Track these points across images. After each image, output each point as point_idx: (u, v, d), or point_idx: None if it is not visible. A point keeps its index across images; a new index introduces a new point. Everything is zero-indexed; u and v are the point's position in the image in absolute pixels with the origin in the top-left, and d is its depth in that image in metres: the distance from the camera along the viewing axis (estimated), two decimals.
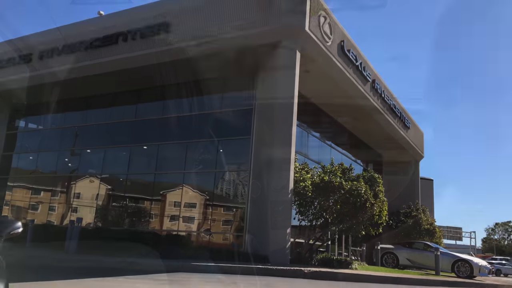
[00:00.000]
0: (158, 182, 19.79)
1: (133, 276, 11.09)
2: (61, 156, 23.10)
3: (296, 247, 17.41)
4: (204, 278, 11.42)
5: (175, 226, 18.85)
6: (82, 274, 10.75)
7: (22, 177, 24.11)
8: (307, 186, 15.98)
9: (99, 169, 21.61)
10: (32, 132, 24.89)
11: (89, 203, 21.78)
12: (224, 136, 18.40)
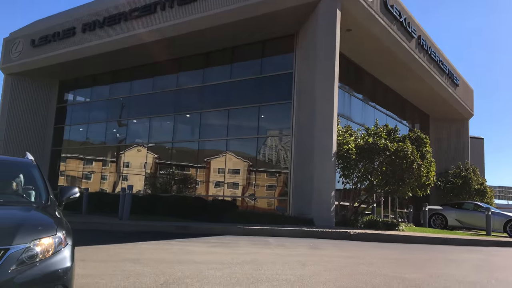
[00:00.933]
0: (202, 149, 20.17)
1: (183, 239, 11.53)
2: (109, 127, 23.93)
3: (341, 210, 17.42)
4: (252, 240, 11.70)
5: (221, 192, 19.28)
6: (135, 238, 11.29)
7: (74, 149, 25.27)
8: (350, 149, 15.78)
9: (145, 138, 22.26)
10: (80, 104, 25.83)
11: (138, 172, 22.60)
12: (265, 101, 18.35)
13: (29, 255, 3.38)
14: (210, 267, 7.40)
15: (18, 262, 3.30)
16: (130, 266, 7.27)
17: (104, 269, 6.95)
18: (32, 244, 3.43)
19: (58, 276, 3.45)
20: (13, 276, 3.23)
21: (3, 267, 3.22)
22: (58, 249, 3.58)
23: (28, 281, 3.28)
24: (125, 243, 10.42)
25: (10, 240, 3.35)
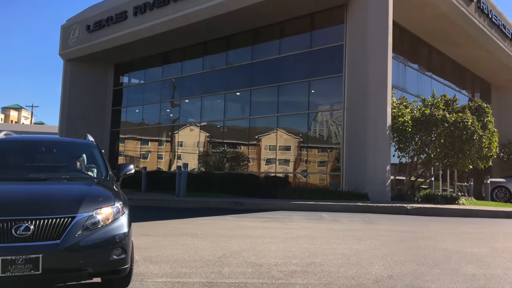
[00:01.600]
0: (252, 127, 20.28)
1: (238, 215, 11.78)
2: (163, 107, 24.59)
3: (396, 185, 16.99)
4: (305, 215, 11.73)
5: (272, 169, 19.39)
6: (192, 214, 11.67)
7: (131, 129, 26.26)
8: (406, 122, 15.25)
9: (197, 118, 22.69)
10: (135, 87, 26.66)
11: (191, 150, 23.18)
12: (315, 76, 18.04)
13: (92, 222, 3.92)
14: (265, 241, 7.52)
15: (83, 228, 3.85)
16: (189, 240, 7.55)
17: (165, 242, 7.26)
18: (94, 213, 3.98)
19: (117, 240, 3.98)
20: (79, 240, 3.78)
21: (71, 231, 3.78)
22: (116, 217, 4.12)
23: (92, 244, 3.83)
24: (183, 219, 10.80)
25: (76, 209, 3.91)
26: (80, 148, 5.96)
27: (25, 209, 3.83)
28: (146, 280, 4.84)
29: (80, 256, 3.81)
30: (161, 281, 4.82)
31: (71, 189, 4.56)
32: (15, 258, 3.54)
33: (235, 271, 5.31)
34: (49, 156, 5.79)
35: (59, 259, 3.70)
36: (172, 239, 7.63)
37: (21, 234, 3.65)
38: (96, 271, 3.91)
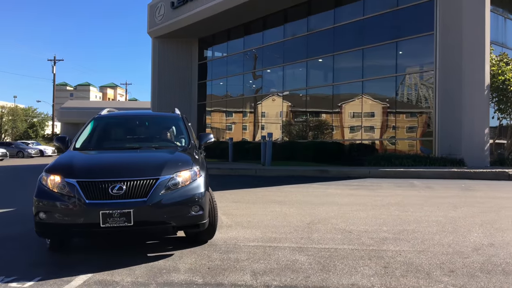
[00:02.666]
0: (336, 94, 19.84)
1: (324, 183, 11.75)
2: (246, 78, 24.94)
3: (496, 149, 15.73)
4: (395, 183, 11.37)
5: (357, 136, 18.93)
6: (279, 182, 11.86)
7: (216, 102, 27.08)
8: (507, 80, 13.92)
9: (280, 87, 22.70)
10: (218, 60, 27.28)
11: (274, 120, 23.37)
12: (403, 36, 17.01)
13: (173, 183, 4.54)
14: (354, 208, 7.44)
15: (166, 187, 4.49)
16: (277, 207, 7.71)
17: (255, 209, 7.49)
18: (175, 175, 4.60)
19: (195, 199, 4.58)
20: (162, 198, 4.43)
21: (155, 191, 4.42)
22: (194, 179, 4.71)
23: (173, 201, 4.47)
24: (270, 187, 11.03)
25: (159, 172, 4.55)
26: (168, 120, 6.70)
27: (119, 172, 4.54)
28: (239, 244, 5.06)
29: (164, 212, 4.42)
30: (253, 245, 5.01)
31: (157, 156, 5.25)
32: (112, 212, 4.26)
33: (325, 237, 5.34)
34: (143, 128, 6.59)
35: (146, 213, 4.35)
36: (261, 206, 7.85)
37: (116, 193, 4.35)
38: (178, 224, 4.54)
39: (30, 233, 5.44)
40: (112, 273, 4.02)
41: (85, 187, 4.37)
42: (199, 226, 4.63)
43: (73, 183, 4.41)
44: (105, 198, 4.33)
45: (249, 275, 3.93)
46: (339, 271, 4.00)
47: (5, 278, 3.90)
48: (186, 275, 3.93)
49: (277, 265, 4.21)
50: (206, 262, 4.33)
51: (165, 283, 3.75)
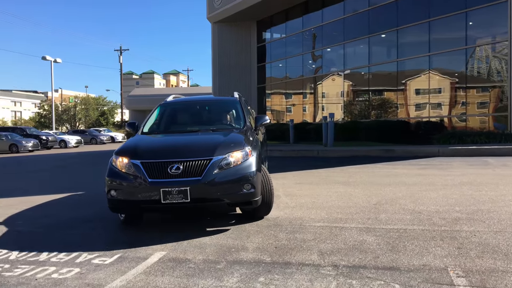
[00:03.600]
0: (400, 70, 19.05)
1: (389, 162, 11.43)
2: (305, 59, 24.62)
3: None
4: (466, 161, 10.80)
5: (424, 113, 18.12)
6: (342, 163, 11.70)
7: (276, 84, 27.03)
8: None
9: (340, 66, 22.19)
10: (277, 41, 27.11)
11: (335, 100, 22.95)
12: (473, 6, 15.90)
13: (225, 162, 4.84)
14: (423, 188, 7.19)
15: (219, 167, 4.80)
16: (341, 188, 7.63)
17: (318, 190, 7.47)
18: (227, 156, 4.88)
19: (246, 177, 4.86)
20: (216, 176, 4.75)
21: (209, 170, 4.75)
22: (245, 159, 4.97)
23: (225, 179, 4.78)
24: (333, 168, 10.91)
25: (212, 153, 4.87)
26: (227, 104, 7.07)
27: (177, 154, 4.93)
28: (304, 224, 5.08)
29: (217, 189, 4.75)
30: (319, 225, 5.01)
31: (212, 138, 5.55)
32: (171, 190, 4.67)
33: (393, 218, 5.22)
34: (203, 112, 6.98)
35: (201, 190, 4.70)
36: (324, 187, 7.80)
37: (174, 172, 4.75)
38: (231, 201, 4.85)
39: (104, 215, 5.82)
40: (185, 251, 4.20)
41: (147, 167, 4.82)
42: (251, 203, 4.91)
43: (137, 164, 4.88)
44: (165, 177, 4.75)
45: (316, 254, 3.95)
46: (410, 252, 3.90)
47: (88, 255, 4.20)
48: (254, 254, 4.03)
49: (344, 245, 4.19)
50: (273, 242, 4.40)
51: (234, 261, 3.86)
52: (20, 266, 3.95)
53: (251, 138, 5.54)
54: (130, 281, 3.47)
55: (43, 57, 39.41)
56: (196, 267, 3.74)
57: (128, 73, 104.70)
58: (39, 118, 62.82)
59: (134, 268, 3.76)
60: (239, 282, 3.35)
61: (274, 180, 8.57)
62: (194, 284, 3.36)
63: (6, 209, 6.80)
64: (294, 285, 3.26)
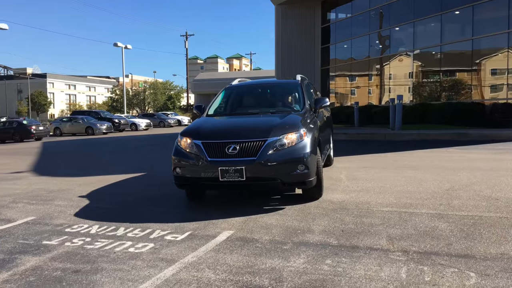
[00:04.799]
0: (476, 49, 17.80)
1: (462, 147, 10.83)
2: (371, 39, 23.76)
3: None
4: None
5: (501, 95, 16.87)
6: (410, 147, 11.26)
7: (340, 66, 26.39)
8: None
9: (409, 46, 21.18)
10: (342, 22, 26.36)
11: (402, 82, 22.01)
12: None
13: (280, 144, 5.00)
14: (500, 174, 6.75)
15: (273, 148, 4.97)
16: (410, 172, 7.36)
17: (385, 174, 7.26)
18: (282, 137, 5.04)
19: (300, 158, 5.00)
20: (270, 157, 4.93)
21: (264, 151, 4.93)
22: (300, 141, 5.10)
23: (279, 160, 4.94)
24: (401, 152, 10.53)
25: (267, 134, 5.05)
26: (288, 86, 7.19)
27: (234, 135, 5.18)
28: (371, 208, 4.98)
29: (271, 169, 4.92)
30: (387, 210, 4.88)
31: (269, 120, 5.67)
32: (228, 168, 4.92)
33: (467, 204, 4.96)
34: (265, 95, 7.17)
35: (256, 170, 4.91)
36: (392, 171, 7.57)
37: (231, 152, 4.99)
38: (285, 181, 5.00)
39: (172, 194, 6.06)
40: (251, 231, 4.29)
41: (207, 147, 5.12)
42: (305, 183, 5.07)
43: (199, 144, 5.19)
44: (223, 156, 5.02)
45: (385, 239, 3.86)
46: (486, 240, 3.71)
47: (161, 231, 4.42)
48: (320, 237, 4.02)
49: (414, 231, 4.06)
50: (339, 225, 4.36)
51: (300, 242, 3.88)
52: (100, 240, 4.24)
53: (308, 120, 5.66)
54: (201, 258, 3.61)
55: (115, 43, 41.30)
56: (263, 247, 3.81)
57: (193, 58, 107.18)
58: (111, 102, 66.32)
59: (204, 246, 3.91)
60: (306, 263, 3.37)
61: (340, 164, 8.47)
62: (262, 263, 3.43)
63: (86, 186, 7.30)
64: (362, 268, 3.22)
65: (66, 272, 3.42)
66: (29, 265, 3.58)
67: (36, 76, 78.77)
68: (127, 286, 3.10)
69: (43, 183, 7.97)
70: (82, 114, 35.32)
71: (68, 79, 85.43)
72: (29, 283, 3.22)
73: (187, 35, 56.70)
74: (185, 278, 3.19)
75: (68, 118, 32.85)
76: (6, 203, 6.19)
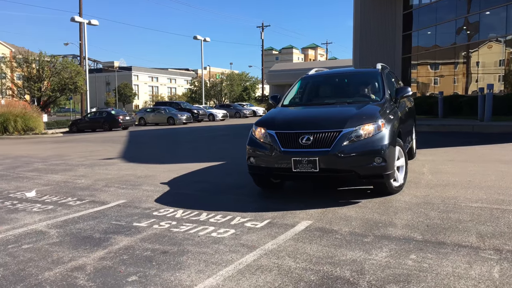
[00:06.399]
0: None
1: None
2: (458, 25, 22.25)
3: None
4: None
5: None
6: (502, 140, 10.45)
7: (423, 54, 25.04)
8: None
9: (501, 31, 19.53)
10: (426, 7, 24.93)
11: (492, 70, 20.41)
12: None
13: (356, 135, 4.83)
14: None
15: (348, 139, 4.82)
16: (502, 166, 6.84)
17: (474, 168, 6.81)
18: (358, 128, 4.86)
19: (377, 150, 4.80)
20: (345, 148, 4.78)
21: (338, 142, 4.80)
22: (377, 132, 4.89)
23: (355, 151, 4.78)
24: (491, 144, 9.81)
25: (342, 125, 4.90)
26: (367, 76, 6.86)
27: (308, 125, 5.08)
28: (459, 204, 4.71)
29: (346, 161, 4.77)
30: (477, 206, 4.59)
31: (345, 110, 5.49)
32: (301, 159, 4.86)
33: None
34: (342, 85, 6.88)
35: (330, 161, 4.80)
36: (481, 165, 7.09)
37: (305, 143, 4.92)
38: (360, 173, 4.84)
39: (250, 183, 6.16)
40: (330, 222, 4.26)
41: (281, 138, 5.07)
42: (382, 176, 4.86)
43: (272, 134, 5.16)
44: (296, 147, 4.95)
45: (474, 236, 3.64)
46: None
47: (241, 218, 4.54)
48: (403, 231, 3.89)
49: (508, 229, 3.78)
50: (423, 220, 4.18)
51: (382, 236, 3.78)
52: (185, 224, 4.45)
53: (388, 111, 5.41)
54: (281, 246, 3.66)
55: (194, 36, 42.72)
56: (342, 238, 3.77)
57: (268, 49, 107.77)
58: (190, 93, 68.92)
59: (283, 234, 3.95)
60: (388, 257, 3.28)
61: (422, 157, 8.09)
62: (342, 254, 3.40)
63: (169, 173, 7.69)
64: (450, 265, 3.07)
65: (155, 252, 3.64)
66: (122, 245, 3.86)
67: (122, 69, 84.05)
68: (211, 269, 3.23)
69: (131, 169, 8.51)
70: (164, 105, 37.11)
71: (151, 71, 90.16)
72: (123, 261, 3.47)
73: (263, 26, 57.10)
74: (266, 265, 3.25)
75: (151, 109, 34.67)
76: (100, 186, 6.71)
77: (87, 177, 7.67)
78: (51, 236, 4.21)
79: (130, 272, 3.23)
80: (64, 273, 3.26)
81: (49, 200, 5.83)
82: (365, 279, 2.93)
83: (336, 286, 2.85)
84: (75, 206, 5.48)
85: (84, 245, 3.90)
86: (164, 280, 3.07)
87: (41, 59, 30.16)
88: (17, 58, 30.71)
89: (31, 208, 5.41)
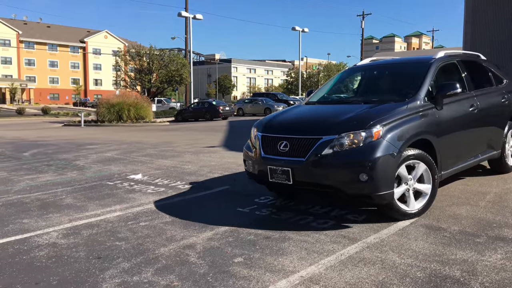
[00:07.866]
0: None
1: None
2: None
3: None
4: None
5: None
6: None
7: None
8: None
9: None
10: None
11: None
12: None
13: (339, 143, 3.92)
14: None
15: (329, 148, 3.93)
16: None
17: None
18: (344, 135, 3.93)
19: (360, 164, 3.81)
20: (323, 159, 3.92)
21: (315, 151, 3.97)
22: (368, 142, 3.88)
23: (336, 164, 3.89)
24: None
25: (324, 131, 4.04)
26: (413, 67, 5.38)
27: (289, 129, 4.36)
28: None
29: (325, 174, 3.95)
30: None
31: (340, 112, 4.43)
32: (276, 168, 4.20)
33: None
34: (377, 80, 5.76)
35: (304, 174, 4.04)
36: None
37: (282, 150, 4.22)
38: (344, 190, 3.93)
39: None
40: (438, 219, 4.07)
41: (264, 141, 4.45)
42: (371, 197, 3.87)
43: (259, 136, 4.54)
44: (274, 153, 4.29)
45: None
46: None
47: (340, 211, 4.51)
48: None
49: None
50: None
51: (497, 237, 3.53)
52: (285, 212, 4.57)
53: (403, 115, 4.16)
54: (384, 240, 3.59)
55: (293, 27, 42.82)
56: (452, 237, 3.58)
57: (368, 38, 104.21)
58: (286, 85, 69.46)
59: (386, 229, 3.87)
60: (504, 259, 3.07)
61: None
62: (451, 253, 3.24)
63: None
64: None
65: (258, 237, 3.80)
66: (227, 228, 4.08)
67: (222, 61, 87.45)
68: (312, 257, 3.29)
69: (232, 157, 8.88)
70: (261, 96, 37.92)
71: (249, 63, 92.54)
72: (229, 242, 3.68)
73: (363, 14, 55.28)
74: (368, 258, 3.22)
75: (249, 100, 35.64)
76: (205, 172, 7.12)
77: (193, 163, 8.17)
78: (164, 215, 4.59)
79: (236, 254, 3.41)
80: (177, 250, 3.55)
81: (161, 183, 6.34)
82: (477, 280, 2.77)
83: (445, 285, 2.74)
84: (184, 189, 5.88)
85: (193, 225, 4.20)
86: (268, 264, 3.20)
87: (151, 53, 32.51)
88: (131, 52, 33.47)
89: (146, 190, 5.93)
